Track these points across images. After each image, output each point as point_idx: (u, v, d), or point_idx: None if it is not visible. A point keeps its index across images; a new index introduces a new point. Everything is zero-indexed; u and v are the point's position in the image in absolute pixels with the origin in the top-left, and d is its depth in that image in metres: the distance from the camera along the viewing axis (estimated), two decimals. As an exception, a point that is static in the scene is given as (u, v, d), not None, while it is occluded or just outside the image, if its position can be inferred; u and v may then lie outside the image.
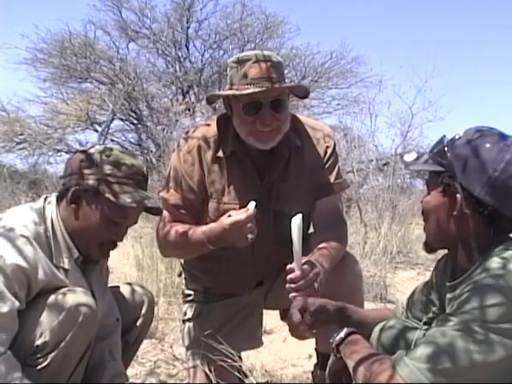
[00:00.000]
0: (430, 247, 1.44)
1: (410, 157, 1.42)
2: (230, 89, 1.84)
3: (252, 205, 1.71)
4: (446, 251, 1.45)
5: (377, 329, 1.52)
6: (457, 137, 1.34)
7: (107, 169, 1.68)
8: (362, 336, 1.43)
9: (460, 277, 1.31)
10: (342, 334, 1.42)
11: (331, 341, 1.44)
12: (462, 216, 1.30)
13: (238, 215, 1.70)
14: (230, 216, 1.72)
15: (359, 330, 1.45)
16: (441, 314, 1.33)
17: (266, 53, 1.84)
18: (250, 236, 1.72)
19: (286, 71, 1.99)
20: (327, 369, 1.51)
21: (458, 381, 1.14)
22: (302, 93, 1.92)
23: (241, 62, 1.81)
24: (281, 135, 1.87)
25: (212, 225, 1.79)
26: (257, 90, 1.76)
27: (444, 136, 1.38)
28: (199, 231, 1.82)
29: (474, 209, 1.28)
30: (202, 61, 12.49)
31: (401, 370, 1.16)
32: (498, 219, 1.28)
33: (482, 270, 1.24)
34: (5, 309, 1.52)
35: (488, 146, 1.28)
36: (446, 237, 1.36)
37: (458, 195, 1.28)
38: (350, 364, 1.33)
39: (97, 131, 10.78)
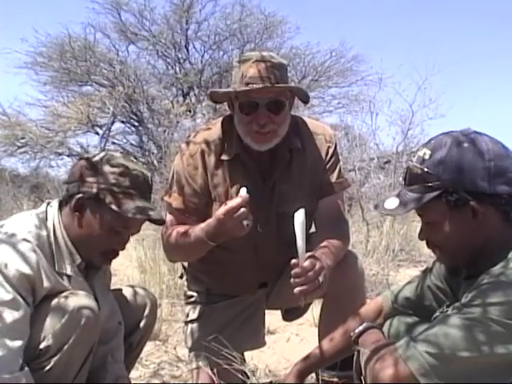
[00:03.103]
0: (456, 267, 1.44)
1: (392, 203, 1.39)
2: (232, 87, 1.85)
3: (243, 190, 1.69)
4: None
5: (395, 318, 1.59)
6: (427, 156, 1.34)
7: (111, 178, 1.67)
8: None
9: (480, 273, 1.30)
10: (360, 328, 1.51)
11: (352, 334, 1.52)
12: (483, 218, 1.30)
13: (231, 202, 1.68)
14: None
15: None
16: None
17: (267, 54, 1.84)
18: (245, 222, 1.68)
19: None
20: (354, 365, 1.53)
21: (457, 367, 1.20)
22: (302, 96, 1.92)
23: (242, 62, 1.82)
24: (278, 138, 1.87)
25: (209, 220, 1.78)
26: (253, 87, 1.77)
27: (408, 167, 1.39)
28: (198, 229, 1.81)
29: (490, 204, 1.30)
30: (201, 62, 12.46)
31: (403, 353, 1.24)
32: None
33: (504, 267, 1.25)
34: (19, 314, 1.51)
35: (466, 145, 1.30)
36: (470, 248, 1.35)
37: (471, 202, 1.29)
38: (363, 358, 1.38)
39: (98, 134, 10.76)
